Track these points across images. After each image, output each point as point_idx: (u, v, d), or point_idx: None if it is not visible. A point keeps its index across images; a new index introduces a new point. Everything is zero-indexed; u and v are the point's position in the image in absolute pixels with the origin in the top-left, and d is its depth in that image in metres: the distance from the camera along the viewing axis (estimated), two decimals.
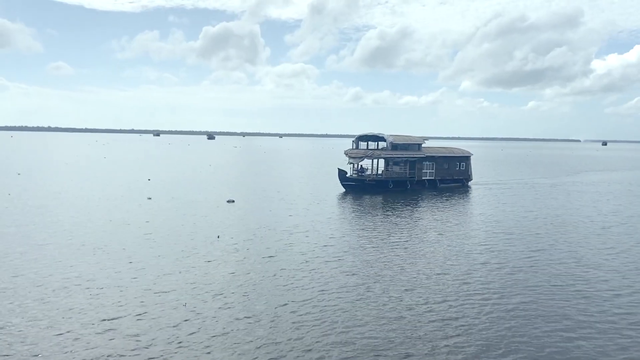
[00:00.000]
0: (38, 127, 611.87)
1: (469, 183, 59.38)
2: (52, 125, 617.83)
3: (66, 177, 60.43)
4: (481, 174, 76.33)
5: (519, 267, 23.04)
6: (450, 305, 17.75)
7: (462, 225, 33.77)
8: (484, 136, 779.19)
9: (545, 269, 22.93)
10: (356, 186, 51.88)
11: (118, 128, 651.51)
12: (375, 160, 54.49)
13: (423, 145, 55.54)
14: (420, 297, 18.67)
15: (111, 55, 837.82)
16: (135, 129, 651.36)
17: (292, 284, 19.91)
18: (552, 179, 71.90)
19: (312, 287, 19.46)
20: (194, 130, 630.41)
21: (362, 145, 55.11)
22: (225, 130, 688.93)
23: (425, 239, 28.83)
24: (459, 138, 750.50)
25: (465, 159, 59.14)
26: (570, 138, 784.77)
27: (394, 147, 53.20)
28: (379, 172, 54.58)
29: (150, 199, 42.36)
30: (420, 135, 58.78)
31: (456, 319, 16.53)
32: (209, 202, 41.37)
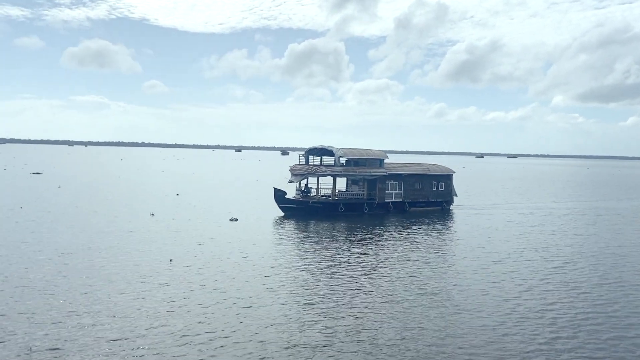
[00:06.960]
0: (133, 142, 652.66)
1: (451, 206, 51.18)
2: (145, 141, 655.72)
3: (101, 189, 62.19)
4: (500, 196, 69.56)
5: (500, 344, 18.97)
6: None
7: (430, 262, 29.21)
8: (577, 154, 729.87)
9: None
10: (298, 209, 44.45)
11: (205, 144, 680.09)
12: (344, 180, 48.42)
13: (386, 161, 47.92)
14: None
15: (201, 73, 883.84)
16: (220, 144, 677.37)
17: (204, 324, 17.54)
18: (610, 202, 63.54)
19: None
20: (275, 146, 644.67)
21: (315, 160, 48.07)
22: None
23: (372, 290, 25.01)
24: (548, 155, 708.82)
25: (445, 177, 50.97)
26: None
27: (346, 162, 46.17)
28: (332, 192, 46.47)
29: (153, 215, 41.79)
30: (507, 153, 52.05)
31: None
32: (211, 220, 40.03)
